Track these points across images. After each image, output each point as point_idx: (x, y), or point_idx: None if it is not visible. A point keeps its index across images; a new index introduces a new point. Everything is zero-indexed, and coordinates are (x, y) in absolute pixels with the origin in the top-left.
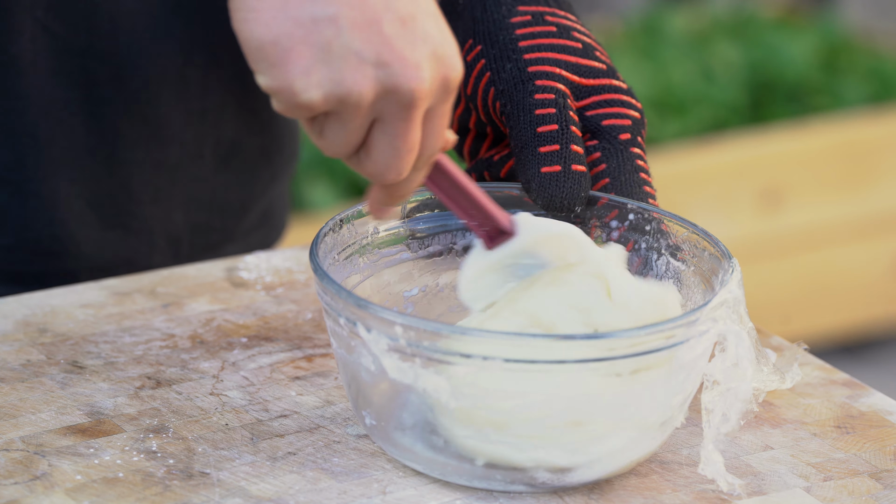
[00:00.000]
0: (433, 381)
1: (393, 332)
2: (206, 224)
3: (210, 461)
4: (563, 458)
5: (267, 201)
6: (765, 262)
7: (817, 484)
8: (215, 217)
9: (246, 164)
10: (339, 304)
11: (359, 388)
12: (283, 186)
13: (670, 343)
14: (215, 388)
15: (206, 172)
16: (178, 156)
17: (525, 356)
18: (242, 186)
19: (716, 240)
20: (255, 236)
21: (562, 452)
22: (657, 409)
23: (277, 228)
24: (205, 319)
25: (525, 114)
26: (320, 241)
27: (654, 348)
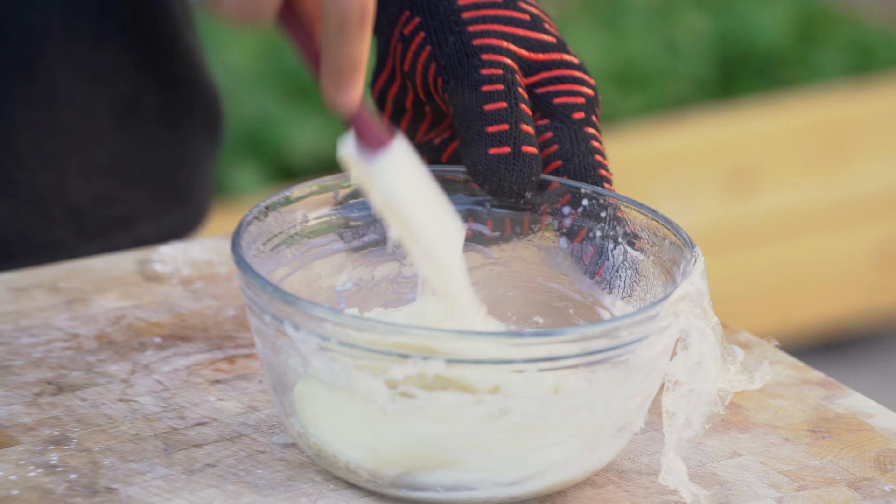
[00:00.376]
0: (368, 384)
1: (323, 331)
2: (109, 194)
3: (118, 475)
4: (512, 468)
5: (180, 174)
6: (734, 251)
7: (790, 494)
8: (116, 186)
9: (146, 125)
10: (263, 300)
11: (286, 393)
12: (202, 163)
13: (627, 341)
14: (125, 393)
15: (103, 134)
16: (70, 116)
17: (469, 356)
18: (143, 150)
19: (677, 227)
20: (171, 217)
21: (510, 462)
22: (613, 413)
23: (198, 212)
24: (113, 317)
25: (470, 91)
26: (243, 230)
27: (608, 346)
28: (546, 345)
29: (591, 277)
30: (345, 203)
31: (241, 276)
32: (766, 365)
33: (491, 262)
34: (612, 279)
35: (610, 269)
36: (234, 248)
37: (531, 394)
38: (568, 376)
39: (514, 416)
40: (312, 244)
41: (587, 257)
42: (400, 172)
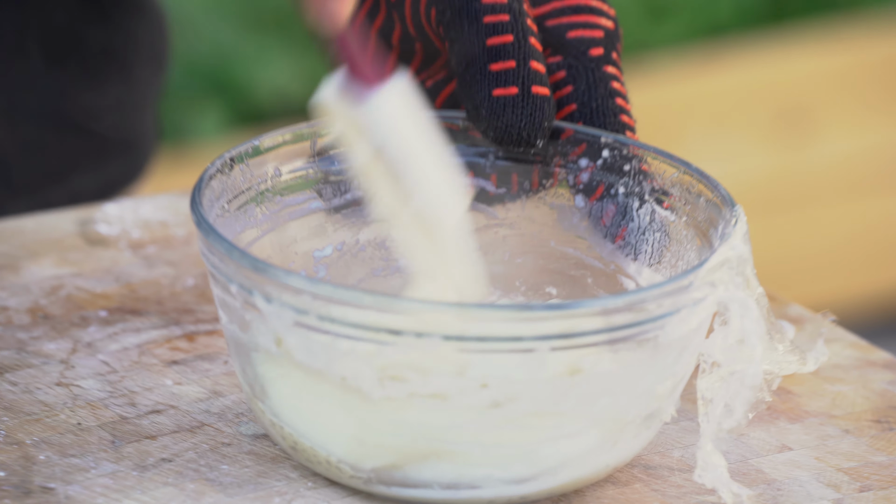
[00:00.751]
0: (352, 366)
1: (300, 303)
2: (40, 142)
3: (56, 472)
4: (520, 462)
5: (123, 117)
6: (783, 210)
7: (851, 495)
8: (51, 133)
9: (88, 63)
10: (229, 268)
11: (256, 376)
12: (146, 102)
13: (655, 315)
14: (64, 376)
15: (34, 73)
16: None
17: (470, 332)
18: (82, 90)
19: (715, 182)
20: (113, 166)
21: (518, 455)
22: (639, 400)
23: (141, 159)
24: (49, 287)
25: (471, 22)
26: (205, 185)
27: (633, 322)
28: (560, 320)
29: (612, 241)
30: (324, 154)
31: (203, 239)
32: (821, 344)
33: (495, 223)
34: (637, 243)
35: (634, 231)
36: (195, 207)
37: (543, 377)
38: (586, 357)
39: (523, 403)
40: (286, 202)
41: (607, 217)
42: (398, 114)
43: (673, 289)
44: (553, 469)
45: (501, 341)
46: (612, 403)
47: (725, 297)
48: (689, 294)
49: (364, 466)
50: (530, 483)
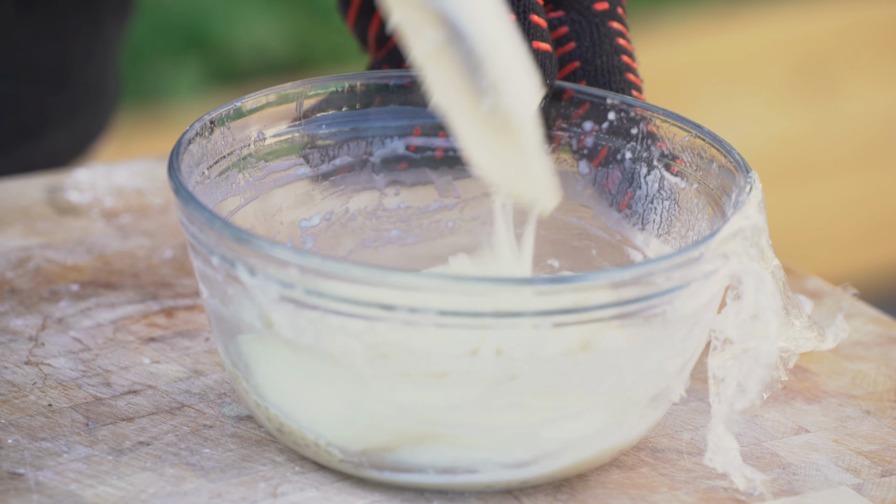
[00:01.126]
0: (341, 342)
1: (286, 276)
2: (13, 98)
3: (25, 457)
4: (520, 445)
5: (92, 69)
6: (802, 177)
7: (872, 480)
8: (23, 88)
9: (56, 12)
10: (210, 238)
11: (239, 354)
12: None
13: (664, 289)
14: (33, 354)
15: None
16: None
17: (466, 307)
18: (54, 40)
19: (728, 147)
20: (84, 120)
21: (518, 438)
22: (646, 378)
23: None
24: (16, 259)
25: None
26: (184, 149)
27: (642, 296)
28: (563, 294)
29: (618, 209)
30: (310, 117)
31: (182, 208)
32: (840, 319)
33: (494, 190)
34: (644, 212)
35: (642, 199)
36: (172, 173)
37: (544, 354)
38: (591, 333)
39: (524, 382)
40: (271, 168)
41: (612, 184)
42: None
43: (683, 261)
44: (555, 452)
45: (501, 317)
46: (617, 382)
47: (738, 269)
48: (700, 266)
49: (354, 449)
50: (531, 467)
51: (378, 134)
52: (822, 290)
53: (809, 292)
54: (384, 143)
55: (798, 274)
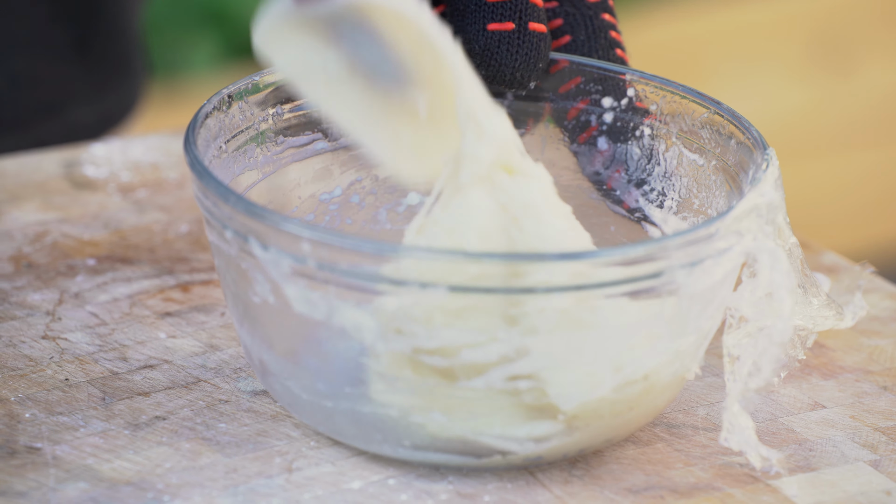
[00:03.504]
0: (353, 316)
1: (298, 250)
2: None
3: (42, 431)
4: (532, 420)
5: (114, 45)
6: (818, 151)
7: (889, 457)
8: (42, 64)
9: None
10: (224, 212)
11: (254, 327)
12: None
13: (677, 265)
14: (50, 329)
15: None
16: None
17: (478, 282)
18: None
19: (747, 123)
20: (108, 97)
21: (530, 413)
22: (660, 357)
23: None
24: (34, 234)
25: None
26: (200, 124)
27: (652, 273)
28: (575, 269)
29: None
30: None
31: (197, 182)
32: (858, 297)
33: None
34: (664, 188)
35: (660, 176)
36: (188, 147)
37: (557, 330)
38: (604, 309)
39: (535, 358)
40: (289, 143)
41: (633, 161)
42: None
43: (696, 237)
44: (567, 429)
45: (513, 293)
46: (630, 361)
47: (754, 247)
48: (714, 243)
49: None
50: (545, 443)
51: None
52: (838, 266)
53: (825, 267)
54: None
55: (814, 249)
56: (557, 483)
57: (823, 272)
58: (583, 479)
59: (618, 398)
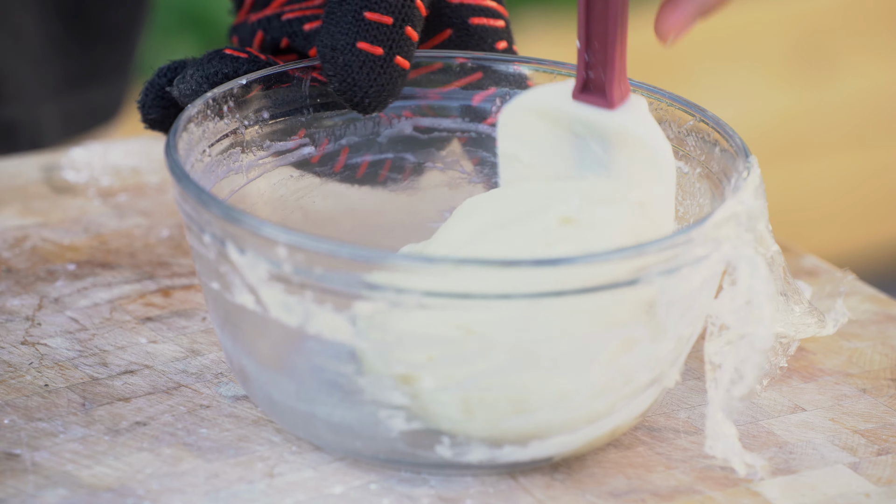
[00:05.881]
0: (330, 321)
1: (275, 255)
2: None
3: (21, 437)
4: (513, 426)
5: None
6: (799, 155)
7: (868, 459)
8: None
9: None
10: (203, 216)
11: (235, 332)
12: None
13: (654, 271)
14: (30, 334)
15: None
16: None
17: (452, 289)
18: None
19: (730, 131)
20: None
21: (510, 419)
22: (640, 365)
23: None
24: (13, 238)
25: None
26: (182, 128)
27: (629, 279)
28: (546, 275)
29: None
30: (314, 96)
31: (176, 186)
32: (840, 304)
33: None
34: None
35: None
36: (169, 151)
37: (529, 337)
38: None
39: (511, 364)
40: (275, 148)
41: None
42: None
43: (673, 244)
44: (545, 434)
45: (486, 298)
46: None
47: (733, 254)
48: (691, 250)
49: None
50: (527, 447)
51: (386, 113)
52: (819, 269)
53: (806, 270)
54: (391, 124)
55: (795, 252)
56: (539, 487)
57: (804, 276)
58: (564, 482)
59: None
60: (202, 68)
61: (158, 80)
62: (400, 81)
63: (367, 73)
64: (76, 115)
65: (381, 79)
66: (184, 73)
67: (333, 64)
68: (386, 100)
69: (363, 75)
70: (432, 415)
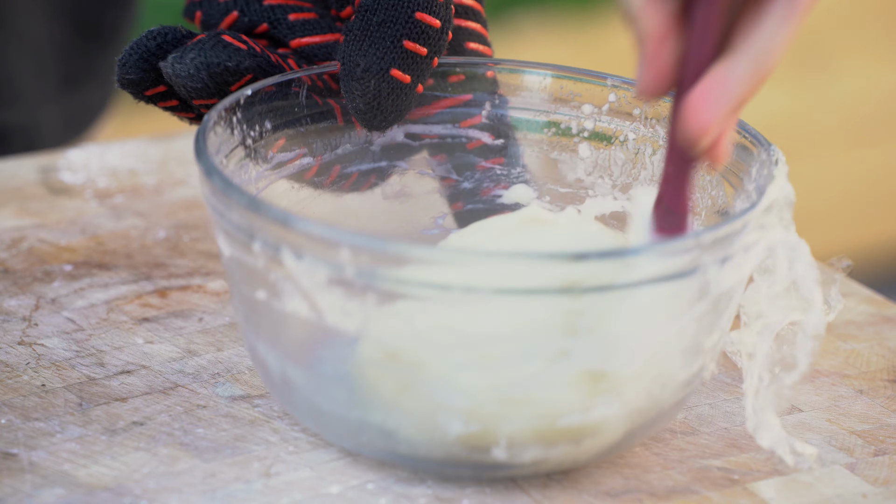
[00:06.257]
0: (390, 325)
1: (337, 258)
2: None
3: (18, 437)
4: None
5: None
6: (795, 154)
7: (865, 460)
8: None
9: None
10: (255, 222)
11: (280, 343)
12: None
13: (708, 262)
14: (27, 334)
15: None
16: None
17: (519, 285)
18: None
19: (742, 122)
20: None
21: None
22: (687, 356)
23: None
24: (10, 240)
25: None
26: (207, 133)
27: (686, 269)
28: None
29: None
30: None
31: (215, 192)
32: (835, 291)
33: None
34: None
35: (647, 180)
36: (202, 155)
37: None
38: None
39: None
40: (278, 159)
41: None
42: None
43: (727, 233)
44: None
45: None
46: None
47: (775, 240)
48: (743, 238)
49: None
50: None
51: None
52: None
53: None
54: (384, 132)
55: None
56: (536, 487)
57: None
58: (561, 483)
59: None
60: (204, 54)
61: (146, 43)
62: (411, 106)
63: (394, 99)
64: (74, 116)
65: (404, 105)
66: (182, 54)
67: (363, 85)
68: (396, 122)
69: (390, 102)
70: (493, 416)
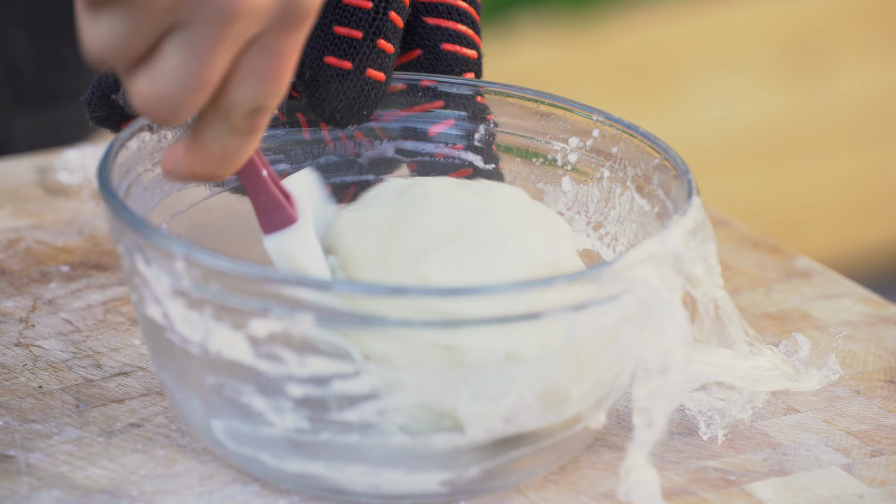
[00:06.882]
0: (229, 339)
1: (174, 268)
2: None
3: (16, 439)
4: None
5: None
6: (792, 156)
7: (862, 460)
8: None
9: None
10: (117, 225)
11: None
12: None
13: (562, 307)
14: (23, 336)
15: None
16: None
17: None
18: None
19: (684, 169)
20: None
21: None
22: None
23: None
24: (6, 240)
25: None
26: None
27: (531, 313)
28: (438, 303)
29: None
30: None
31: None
32: (833, 359)
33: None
34: (616, 233)
35: (615, 220)
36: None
37: (428, 366)
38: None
39: (403, 393)
40: None
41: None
42: None
43: (582, 281)
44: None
45: (380, 325)
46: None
47: (648, 296)
48: (601, 288)
49: None
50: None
51: (368, 135)
52: (812, 270)
53: (799, 272)
54: (373, 145)
55: (787, 254)
56: (533, 488)
57: (797, 277)
58: (558, 483)
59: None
60: None
61: (105, 79)
62: (374, 94)
63: (336, 87)
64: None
65: (352, 92)
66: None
67: (301, 79)
68: (360, 113)
69: (332, 90)
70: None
